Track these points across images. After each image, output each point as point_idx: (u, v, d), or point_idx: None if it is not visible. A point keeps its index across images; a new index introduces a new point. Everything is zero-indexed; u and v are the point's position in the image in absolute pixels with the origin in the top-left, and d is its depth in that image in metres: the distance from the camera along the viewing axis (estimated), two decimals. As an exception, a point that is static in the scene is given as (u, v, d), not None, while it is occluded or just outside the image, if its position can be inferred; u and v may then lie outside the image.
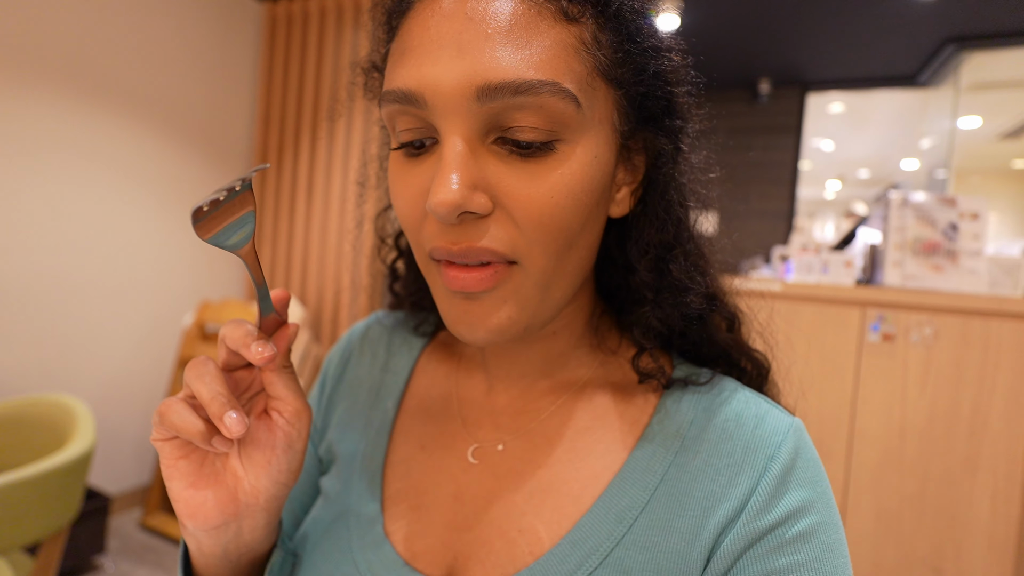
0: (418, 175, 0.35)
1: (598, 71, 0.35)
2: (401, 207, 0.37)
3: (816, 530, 0.35)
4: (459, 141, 0.33)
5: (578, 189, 0.34)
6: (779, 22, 3.10)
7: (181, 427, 0.34)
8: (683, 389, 0.42)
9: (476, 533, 0.41)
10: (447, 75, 0.32)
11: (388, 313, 0.58)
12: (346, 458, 0.49)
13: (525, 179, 0.33)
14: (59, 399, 1.37)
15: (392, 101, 0.35)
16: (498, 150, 0.34)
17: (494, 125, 0.33)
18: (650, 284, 0.40)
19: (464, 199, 0.32)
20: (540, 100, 0.32)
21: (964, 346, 1.48)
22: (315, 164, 2.64)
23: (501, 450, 0.44)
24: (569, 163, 0.34)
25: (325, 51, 2.61)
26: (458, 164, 0.32)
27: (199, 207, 0.35)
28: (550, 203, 0.33)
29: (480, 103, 0.32)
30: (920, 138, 4.30)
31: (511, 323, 0.36)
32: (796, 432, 0.38)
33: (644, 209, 0.41)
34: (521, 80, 0.32)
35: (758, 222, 3.95)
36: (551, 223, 0.34)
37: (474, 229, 0.34)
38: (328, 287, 2.55)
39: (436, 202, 0.32)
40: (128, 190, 2.31)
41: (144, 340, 2.42)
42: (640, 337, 0.42)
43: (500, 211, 0.34)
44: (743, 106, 4.00)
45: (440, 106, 0.33)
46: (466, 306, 0.36)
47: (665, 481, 0.38)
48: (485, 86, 0.32)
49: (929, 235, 1.59)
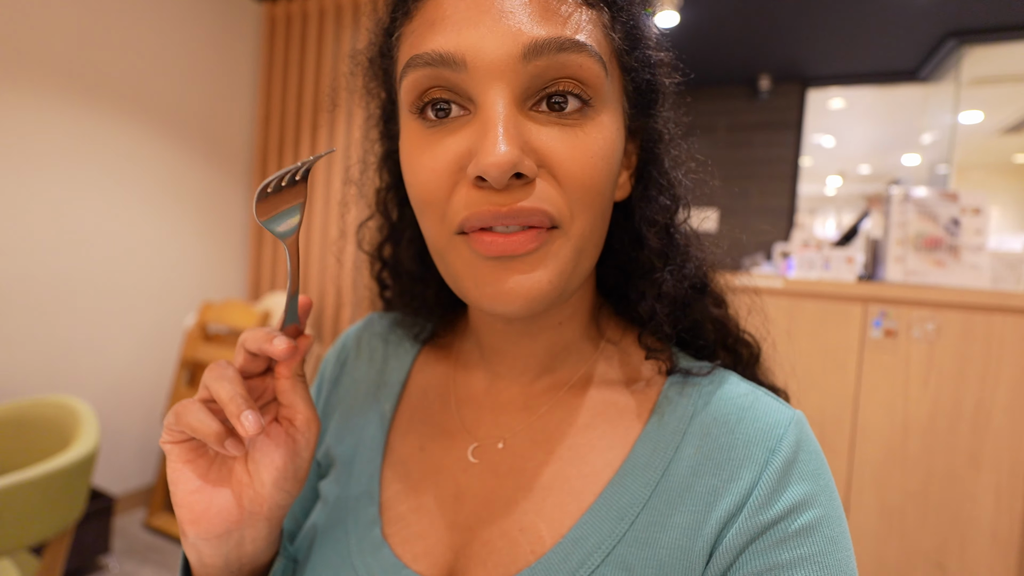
0: (448, 145, 0.35)
1: (614, 53, 0.37)
2: (425, 181, 0.36)
3: (819, 523, 0.35)
4: (505, 102, 0.33)
5: (610, 154, 0.36)
6: (779, 18, 3.10)
7: (197, 427, 0.34)
8: (683, 383, 0.42)
9: (477, 533, 0.41)
10: (491, 37, 0.33)
11: (383, 314, 0.57)
12: (344, 461, 0.49)
13: (568, 142, 0.34)
14: (63, 400, 1.38)
15: (424, 64, 0.34)
16: (537, 115, 0.35)
17: (536, 87, 0.34)
18: (659, 251, 0.42)
19: (518, 159, 0.32)
20: (581, 59, 0.34)
21: (967, 342, 1.48)
22: (315, 163, 2.64)
23: (501, 448, 0.43)
24: (602, 129, 0.35)
25: (324, 51, 2.61)
26: (507, 124, 0.32)
27: (267, 183, 0.36)
28: (590, 165, 0.34)
29: (526, 61, 0.33)
30: (921, 133, 4.28)
31: (551, 287, 0.35)
32: (797, 425, 0.38)
33: (645, 188, 0.43)
34: (564, 37, 0.33)
35: (759, 219, 3.94)
36: (592, 185, 0.35)
37: (520, 192, 0.34)
38: (329, 286, 2.56)
39: (490, 162, 0.31)
40: (129, 191, 2.31)
41: (147, 341, 2.42)
42: (654, 301, 0.42)
43: (544, 174, 0.34)
44: (743, 102, 3.99)
45: (484, 68, 0.33)
46: (500, 273, 0.35)
47: (666, 476, 0.38)
48: (532, 43, 0.33)
49: (931, 230, 1.59)
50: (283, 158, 2.71)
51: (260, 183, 2.31)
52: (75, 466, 1.12)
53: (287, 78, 2.72)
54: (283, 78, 2.73)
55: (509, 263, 0.35)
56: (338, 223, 2.56)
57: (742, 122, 3.98)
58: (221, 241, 2.71)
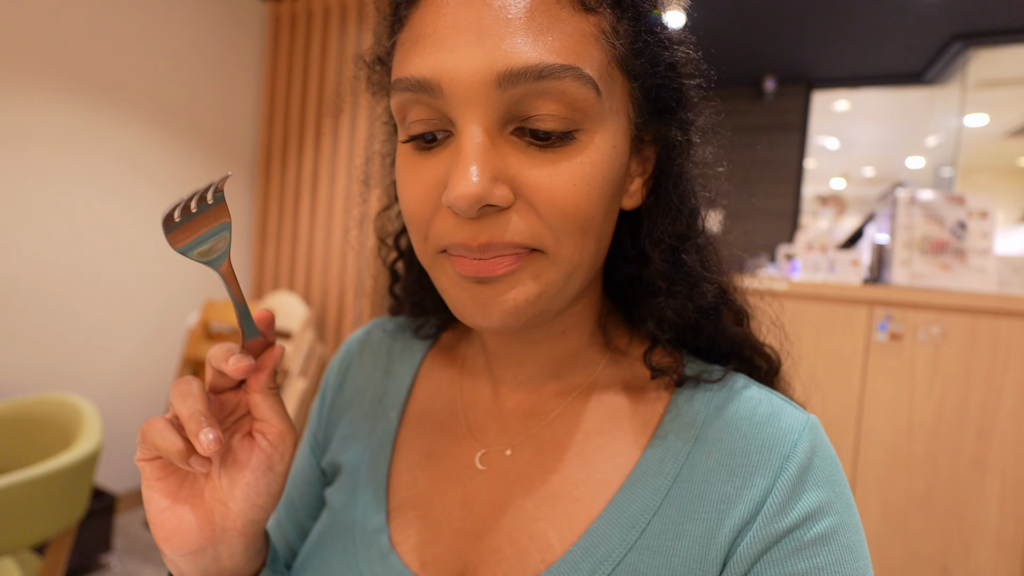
0: (430, 168, 0.34)
1: (616, 61, 0.34)
2: (410, 201, 0.36)
3: (836, 531, 0.34)
4: (479, 131, 0.32)
5: (600, 178, 0.34)
6: (784, 19, 3.09)
7: (161, 445, 0.33)
8: (694, 387, 0.41)
9: (486, 541, 0.40)
10: (466, 62, 0.31)
11: (388, 319, 0.57)
12: (350, 469, 0.48)
13: (547, 169, 0.33)
14: (65, 398, 1.37)
15: (404, 89, 0.34)
16: (517, 141, 0.33)
17: (513, 114, 0.32)
18: (664, 274, 0.40)
19: (486, 191, 0.31)
20: (562, 85, 0.31)
21: (972, 345, 1.47)
22: (319, 162, 2.64)
23: (509, 455, 0.43)
24: (589, 152, 0.33)
25: (329, 49, 2.61)
26: (478, 155, 0.31)
27: (169, 213, 0.34)
28: (574, 192, 0.33)
29: (501, 90, 0.31)
30: (926, 136, 4.27)
31: (527, 303, 0.35)
32: (812, 430, 0.37)
33: (657, 200, 0.40)
34: (544, 64, 0.31)
35: (763, 221, 3.93)
36: (576, 213, 0.33)
37: (494, 223, 0.33)
38: (332, 286, 2.55)
39: (457, 195, 0.31)
40: (133, 188, 2.31)
41: (149, 339, 2.42)
42: (654, 328, 0.41)
43: (521, 202, 0.33)
44: (748, 104, 3.98)
45: (458, 95, 0.32)
46: (478, 289, 0.35)
47: (678, 483, 0.37)
48: (507, 71, 0.31)
49: (937, 233, 1.58)
50: (287, 156, 2.71)
51: (263, 181, 2.29)
52: (77, 465, 1.12)
53: (291, 76, 2.72)
54: (287, 76, 2.73)
55: (486, 283, 0.34)
56: (341, 225, 2.56)
57: (747, 124, 3.97)
58: (224, 240, 2.71)
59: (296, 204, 2.70)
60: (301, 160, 2.68)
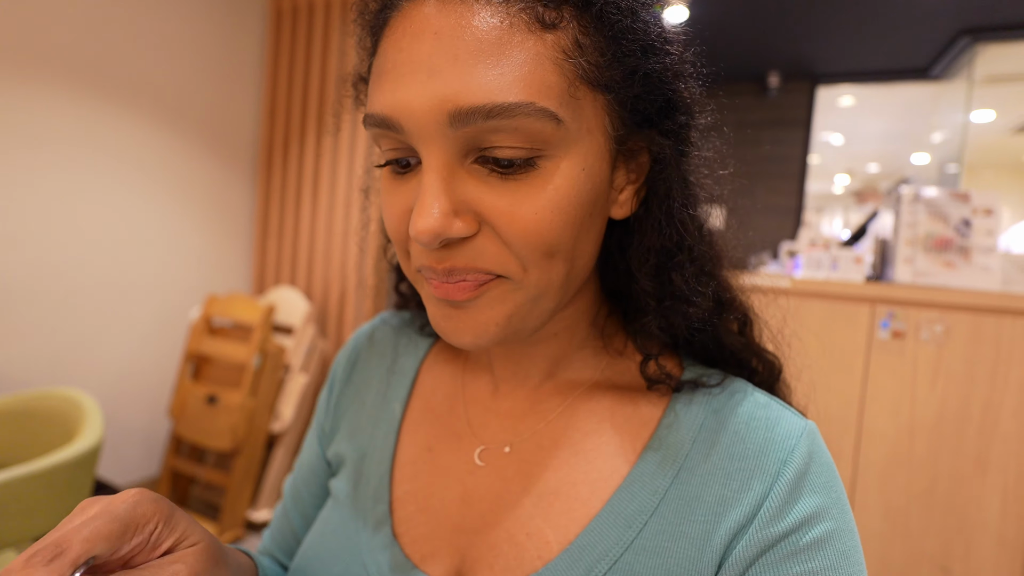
0: (404, 194, 0.35)
1: (581, 79, 0.33)
2: (389, 224, 0.37)
3: (831, 537, 0.34)
4: (438, 165, 0.32)
5: (566, 204, 0.33)
6: (789, 14, 3.07)
7: None
8: (693, 391, 0.41)
9: (484, 536, 0.41)
10: (418, 100, 0.31)
11: (394, 314, 0.58)
12: (355, 460, 0.49)
13: (508, 198, 0.33)
14: (68, 393, 1.38)
15: (372, 125, 0.35)
16: (479, 169, 0.33)
17: (472, 146, 0.33)
18: (651, 293, 0.39)
19: (443, 227, 0.32)
20: (515, 123, 0.31)
21: (975, 344, 1.46)
22: (321, 157, 2.63)
23: (508, 452, 0.43)
24: (554, 179, 0.33)
25: (331, 44, 2.60)
26: (436, 192, 0.32)
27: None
28: (535, 220, 0.32)
29: (453, 128, 0.31)
30: (932, 132, 4.24)
31: (497, 328, 0.36)
32: (810, 436, 0.37)
33: (646, 211, 0.39)
34: (493, 104, 0.30)
35: (766, 217, 3.92)
36: (540, 240, 0.33)
37: (459, 250, 0.34)
38: (334, 282, 2.56)
39: (417, 230, 0.32)
40: (134, 183, 2.32)
41: (151, 334, 2.43)
42: (643, 345, 0.41)
43: (487, 229, 0.34)
44: (752, 99, 3.96)
45: (415, 131, 0.32)
46: (450, 311, 0.36)
47: (675, 485, 0.37)
48: (456, 111, 0.31)
49: (941, 231, 1.57)
50: (288, 151, 2.71)
51: (265, 176, 2.27)
52: (80, 459, 1.13)
53: (293, 71, 2.71)
54: (289, 71, 2.72)
55: (456, 306, 0.36)
56: (343, 220, 2.56)
57: (750, 119, 3.95)
58: (226, 234, 2.71)
59: (298, 199, 2.70)
60: (303, 155, 2.68)
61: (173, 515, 0.32)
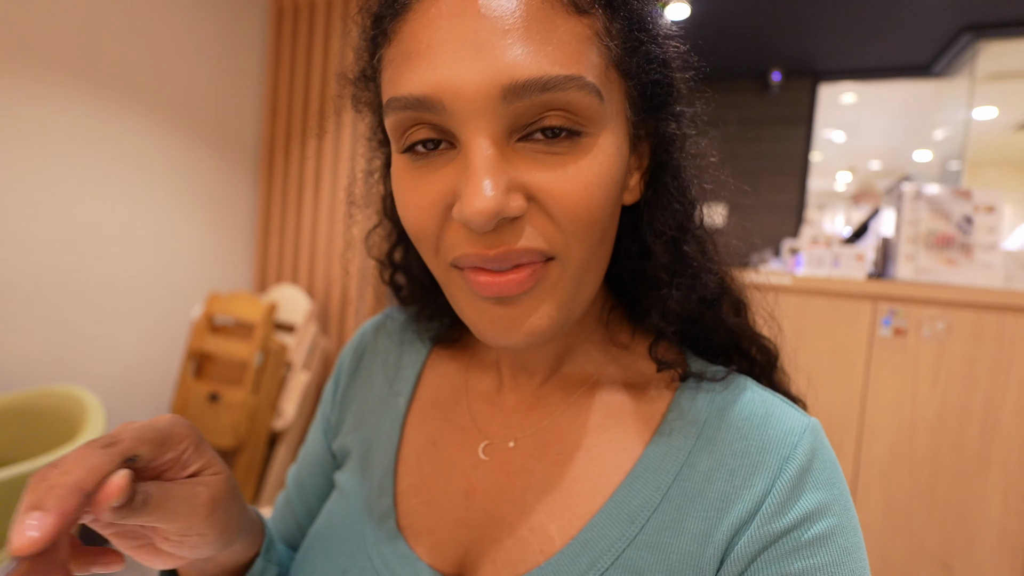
0: (434, 182, 0.34)
1: (612, 62, 0.34)
2: (414, 217, 0.35)
3: (833, 533, 0.34)
4: (487, 143, 0.31)
5: (608, 180, 0.34)
6: (791, 11, 3.06)
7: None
8: (697, 386, 0.41)
9: (487, 530, 0.41)
10: (468, 76, 0.30)
11: (400, 309, 0.58)
12: (360, 453, 0.50)
13: (558, 174, 0.32)
14: (70, 390, 1.38)
15: (401, 108, 0.33)
16: (524, 147, 0.33)
17: (520, 124, 0.32)
18: (667, 266, 0.40)
19: (502, 205, 0.31)
20: (567, 96, 0.31)
21: (977, 341, 1.46)
22: (322, 155, 2.63)
23: (512, 447, 0.43)
24: (596, 154, 0.33)
25: (332, 41, 2.60)
26: (490, 168, 0.31)
27: None
28: (586, 195, 0.33)
29: (507, 103, 0.31)
30: (934, 129, 4.23)
31: (551, 322, 0.35)
32: (813, 432, 0.38)
33: (656, 193, 0.40)
34: (548, 76, 0.30)
35: (768, 214, 3.91)
36: (588, 216, 0.33)
37: (509, 231, 0.33)
38: (336, 279, 2.56)
39: (472, 211, 0.30)
40: (136, 181, 2.32)
41: (153, 332, 2.43)
42: (659, 320, 0.41)
43: (534, 208, 0.33)
44: (753, 96, 3.95)
45: (462, 110, 0.31)
46: (500, 311, 0.34)
47: (678, 481, 0.37)
48: (511, 85, 0.30)
49: (943, 228, 1.57)
50: (290, 149, 2.71)
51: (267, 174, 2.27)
52: (82, 456, 1.13)
53: (295, 69, 2.71)
54: (291, 69, 2.72)
55: (507, 302, 0.34)
56: (345, 221, 2.56)
57: (752, 116, 3.94)
58: (228, 232, 2.72)
59: (299, 197, 2.70)
60: (304, 153, 2.68)
61: (202, 443, 0.35)
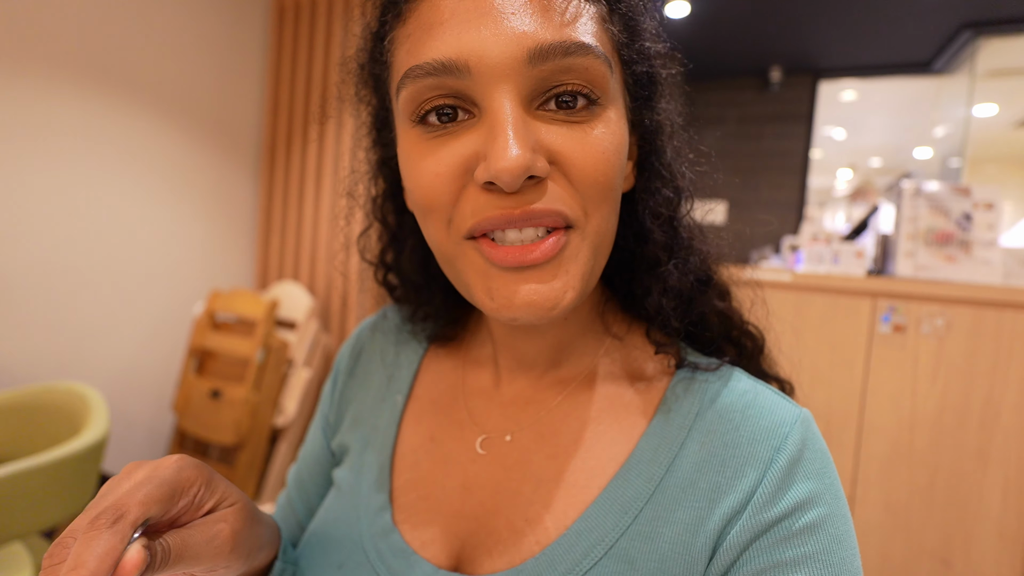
0: (454, 148, 0.34)
1: (613, 47, 0.37)
2: (428, 186, 0.35)
3: (824, 522, 0.35)
4: (512, 105, 0.32)
5: (620, 148, 0.36)
6: (791, 8, 3.05)
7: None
8: (690, 379, 0.42)
9: (484, 523, 0.41)
10: (495, 39, 0.32)
11: (397, 308, 0.58)
12: (358, 450, 0.50)
13: (577, 139, 0.34)
14: (73, 387, 1.39)
15: (425, 75, 0.33)
16: (544, 114, 0.34)
17: (541, 89, 0.34)
18: (665, 245, 0.42)
19: (530, 161, 0.32)
20: (587, 62, 0.33)
21: (977, 338, 1.47)
22: (323, 152, 2.64)
23: (509, 441, 0.44)
24: (610, 124, 0.35)
25: (333, 39, 2.60)
26: (516, 126, 0.32)
27: None
28: (603, 160, 0.34)
29: (532, 65, 0.32)
30: (934, 126, 4.23)
31: (574, 293, 0.35)
32: (803, 423, 0.38)
33: (649, 178, 0.42)
34: (572, 41, 0.32)
35: (768, 212, 3.91)
36: (605, 180, 0.34)
37: (533, 192, 0.33)
38: (337, 276, 2.56)
39: (501, 167, 0.31)
40: (138, 179, 2.32)
41: (156, 329, 2.44)
42: (660, 297, 0.42)
43: (555, 172, 0.34)
44: (753, 94, 3.95)
45: (488, 72, 0.32)
46: (516, 283, 0.34)
47: (671, 472, 0.38)
48: (537, 48, 0.32)
49: (942, 225, 1.57)
50: (291, 146, 2.71)
51: (268, 171, 2.28)
52: (85, 452, 1.14)
53: (296, 67, 2.71)
54: (292, 67, 2.72)
55: (526, 272, 0.34)
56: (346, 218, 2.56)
57: (752, 114, 3.94)
58: (229, 229, 2.72)
59: (300, 194, 2.70)
60: (305, 150, 2.68)
61: (213, 478, 0.34)
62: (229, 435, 2.09)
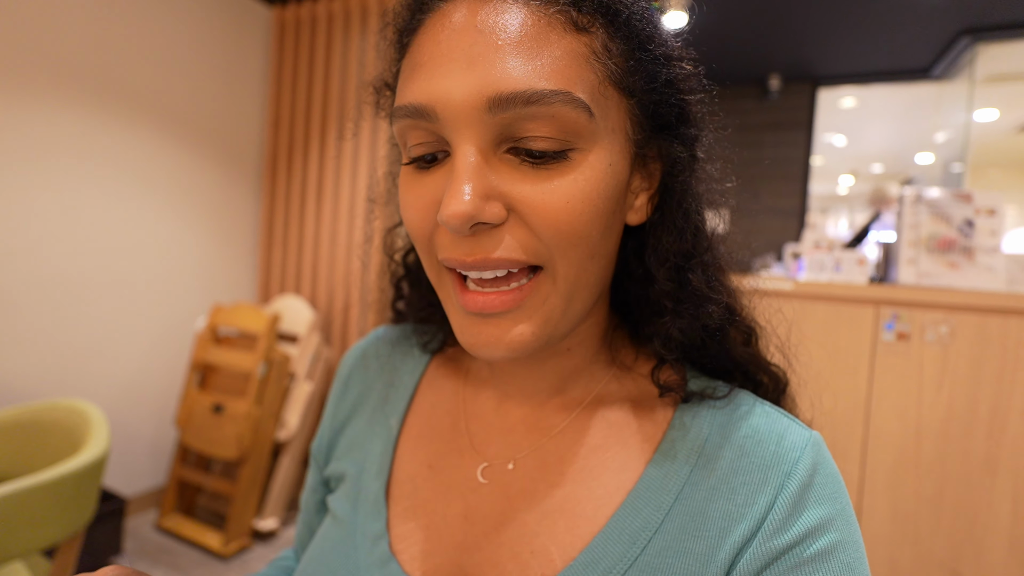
0: (428, 185, 0.35)
1: (610, 80, 0.35)
2: (411, 218, 0.37)
3: (835, 548, 0.34)
4: (471, 151, 0.33)
5: (594, 195, 0.34)
6: (789, 16, 3.07)
7: None
8: (699, 404, 0.41)
9: (487, 554, 0.40)
10: (458, 87, 0.32)
11: (390, 327, 0.57)
12: (352, 476, 0.49)
13: (540, 186, 0.33)
14: (74, 404, 1.39)
15: (403, 116, 0.35)
16: (511, 159, 0.34)
17: (506, 135, 0.33)
18: (670, 293, 0.40)
19: (476, 209, 0.32)
20: (552, 109, 0.32)
21: (981, 345, 1.45)
22: (325, 166, 2.65)
23: (511, 469, 0.43)
24: (583, 170, 0.34)
25: (333, 55, 2.62)
26: (470, 174, 0.32)
27: None
28: (567, 209, 0.33)
29: (492, 114, 0.32)
30: (935, 132, 4.23)
31: (534, 338, 0.35)
32: (814, 447, 0.37)
33: (662, 217, 0.40)
34: (532, 90, 0.31)
35: (769, 219, 3.91)
36: (570, 230, 0.33)
37: (488, 240, 0.34)
38: (338, 290, 2.56)
39: (448, 214, 0.32)
40: (139, 194, 2.33)
41: (157, 344, 2.44)
42: (660, 348, 0.41)
43: (515, 219, 0.34)
44: (753, 102, 3.96)
45: (451, 118, 0.33)
46: (482, 325, 0.35)
47: (680, 500, 0.37)
48: (496, 96, 0.31)
49: (944, 232, 1.57)
50: (293, 160, 2.73)
51: (270, 185, 2.29)
52: (86, 470, 1.13)
53: (296, 82, 2.73)
54: (292, 82, 2.74)
55: (489, 319, 0.35)
56: (347, 229, 2.57)
57: (752, 122, 3.95)
58: (231, 244, 2.73)
59: (302, 208, 2.71)
60: (307, 164, 2.70)
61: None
62: (231, 449, 2.08)
